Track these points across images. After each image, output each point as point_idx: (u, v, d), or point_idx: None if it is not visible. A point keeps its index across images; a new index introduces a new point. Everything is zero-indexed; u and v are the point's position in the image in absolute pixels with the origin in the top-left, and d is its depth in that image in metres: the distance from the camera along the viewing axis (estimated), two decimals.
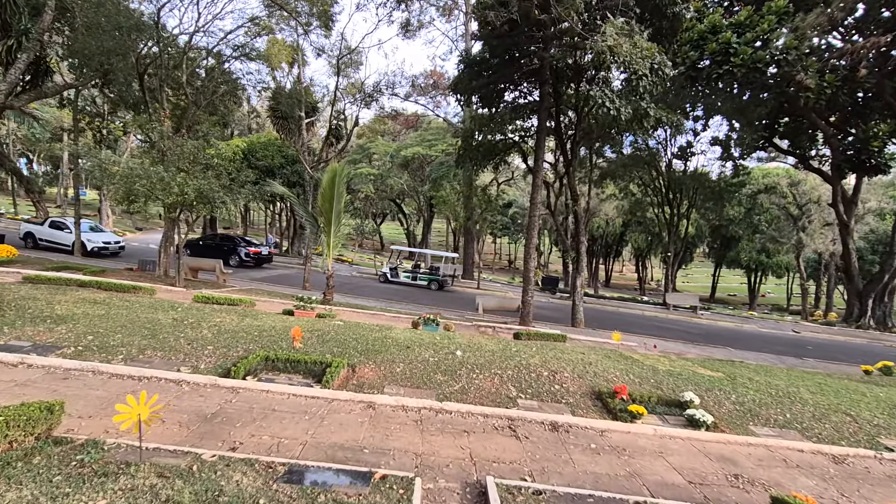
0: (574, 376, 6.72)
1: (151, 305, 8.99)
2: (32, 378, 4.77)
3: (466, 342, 8.59)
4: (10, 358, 5.06)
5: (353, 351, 6.90)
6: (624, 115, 11.20)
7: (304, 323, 8.99)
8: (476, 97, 15.37)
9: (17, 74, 12.78)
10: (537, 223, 13.56)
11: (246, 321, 8.56)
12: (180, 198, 11.55)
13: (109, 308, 8.27)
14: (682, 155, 28.27)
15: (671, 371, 8.11)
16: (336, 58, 17.77)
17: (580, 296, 15.22)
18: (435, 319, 11.11)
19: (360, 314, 12.71)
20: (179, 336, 6.75)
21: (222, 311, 9.35)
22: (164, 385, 4.96)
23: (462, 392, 5.77)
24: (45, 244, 21.10)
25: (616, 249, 62.97)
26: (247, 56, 19.59)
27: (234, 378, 5.21)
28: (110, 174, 11.44)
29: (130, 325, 7.09)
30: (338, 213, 13.15)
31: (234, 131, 34.77)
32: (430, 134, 44.13)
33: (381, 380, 5.84)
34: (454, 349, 7.75)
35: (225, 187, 13.68)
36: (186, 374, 5.16)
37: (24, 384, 4.62)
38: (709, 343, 15.76)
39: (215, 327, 7.66)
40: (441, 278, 24.19)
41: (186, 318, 8.13)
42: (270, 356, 5.78)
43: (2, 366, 4.96)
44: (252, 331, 7.62)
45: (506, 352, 7.97)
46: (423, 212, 48.54)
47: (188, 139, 12.51)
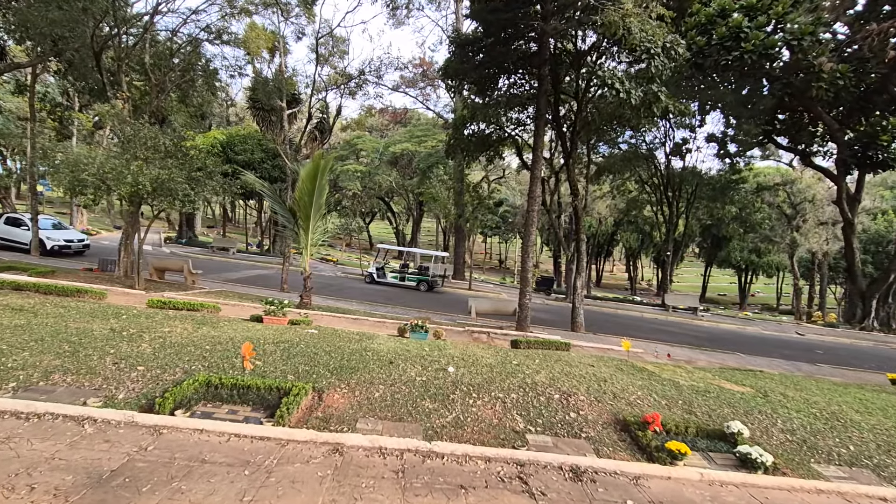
0: (590, 399, 5.57)
1: (91, 312, 7.67)
2: None
3: (460, 354, 7.41)
4: None
5: (324, 369, 5.67)
6: (634, 98, 10.11)
7: (271, 332, 7.75)
8: (468, 83, 14.19)
9: None
10: (536, 220, 12.43)
11: (201, 331, 7.29)
12: (134, 188, 10.19)
13: (35, 316, 6.94)
14: (678, 152, 27.43)
15: (695, 387, 7.02)
16: (315, 37, 16.42)
17: (580, 298, 14.12)
18: (423, 326, 9.91)
19: (340, 319, 11.45)
20: (107, 353, 5.47)
21: (176, 319, 8.05)
22: (59, 426, 3.69)
23: (456, 425, 4.58)
24: (1, 242, 19.45)
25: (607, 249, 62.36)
26: (221, 40, 18.19)
27: (158, 413, 3.97)
28: (52, 162, 10.03)
29: (50, 338, 5.78)
30: (318, 209, 11.90)
31: (212, 123, 33.17)
32: (419, 130, 42.90)
33: (354, 409, 4.63)
34: (446, 364, 6.57)
35: (192, 179, 12.34)
36: (94, 409, 3.90)
37: None
38: (715, 347, 14.78)
39: (159, 340, 6.37)
40: (431, 279, 22.99)
41: (127, 329, 6.83)
42: (213, 381, 4.54)
43: None
44: (204, 344, 6.35)
45: (506, 366, 6.81)
46: (413, 210, 47.32)
47: (145, 124, 11.11)
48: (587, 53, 13.10)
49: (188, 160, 11.93)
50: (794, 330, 22.10)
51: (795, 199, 37.72)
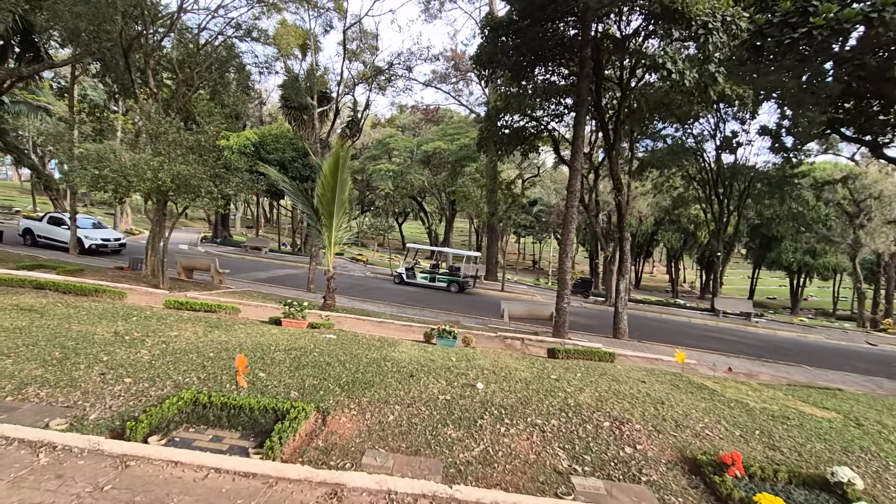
0: (648, 428, 4.62)
1: (101, 314, 7.29)
2: None
3: (491, 365, 6.57)
4: None
5: (333, 384, 4.96)
6: (688, 80, 8.98)
7: (285, 337, 7.15)
8: (502, 71, 13.29)
9: None
10: (575, 217, 11.40)
11: (211, 336, 6.75)
12: (154, 184, 9.87)
13: (41, 317, 6.58)
14: (727, 146, 25.48)
15: (770, 412, 5.91)
16: (343, 30, 15.93)
17: (624, 302, 12.97)
18: (452, 331, 9.12)
19: (363, 322, 10.82)
20: (99, 361, 4.95)
21: (188, 322, 7.58)
22: (9, 455, 3.11)
23: (485, 461, 3.75)
24: (43, 241, 20.00)
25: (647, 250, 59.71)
26: (251, 37, 18.00)
27: (130, 439, 3.33)
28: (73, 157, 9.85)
29: (45, 343, 5.34)
30: (341, 204, 11.30)
31: (246, 123, 33.54)
32: (451, 128, 42.15)
33: (362, 437, 3.88)
34: (474, 378, 5.75)
35: (216, 176, 12.02)
36: (56, 433, 3.31)
37: None
38: (777, 358, 13.29)
39: (161, 346, 5.85)
40: (462, 279, 22.19)
41: (131, 332, 6.36)
42: (201, 399, 3.89)
43: None
44: (208, 351, 5.78)
45: (543, 381, 5.93)
46: (445, 210, 46.64)
47: (168, 119, 10.82)
48: (633, 36, 11.97)
49: (211, 156, 11.60)
50: (863, 339, 19.99)
51: (859, 195, 34.62)
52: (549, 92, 13.70)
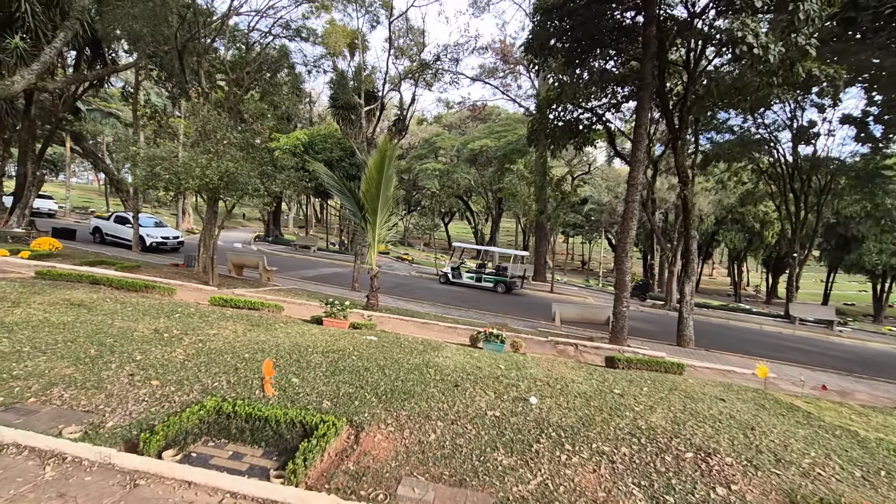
0: (741, 462, 3.81)
1: (146, 310, 7.25)
2: None
3: (544, 375, 5.91)
4: None
5: (370, 393, 4.49)
6: (772, 54, 7.85)
7: (325, 338, 6.81)
8: (554, 59, 12.49)
9: (52, 54, 11.97)
10: (636, 212, 10.42)
11: (250, 335, 6.51)
12: (202, 181, 9.92)
13: (88, 313, 6.59)
14: (803, 136, 23.12)
15: (890, 445, 4.88)
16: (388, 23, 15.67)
17: (689, 307, 11.81)
18: (500, 335, 8.50)
19: (407, 323, 10.40)
20: (131, 360, 4.75)
21: (230, 319, 7.42)
22: (17, 466, 2.83)
23: (543, 497, 3.13)
24: (110, 239, 21.15)
25: (706, 250, 56.05)
26: (301, 36, 18.18)
27: (143, 453, 2.99)
28: (132, 157, 10.09)
29: (83, 339, 5.23)
30: (385, 201, 10.96)
31: (298, 125, 34.34)
32: (498, 126, 41.36)
33: (399, 460, 3.36)
34: (526, 390, 5.13)
35: (263, 173, 12.02)
36: (67, 443, 3.02)
37: None
38: (872, 374, 11.66)
39: (197, 345, 5.63)
40: (509, 279, 21.43)
41: (171, 330, 6.22)
42: (225, 408, 3.52)
43: None
44: (244, 352, 5.50)
45: (606, 396, 5.21)
46: (492, 209, 45.90)
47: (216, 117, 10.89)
48: (702, 13, 10.85)
49: (258, 153, 11.60)
50: None
51: None
52: (605, 79, 12.75)
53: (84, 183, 72.91)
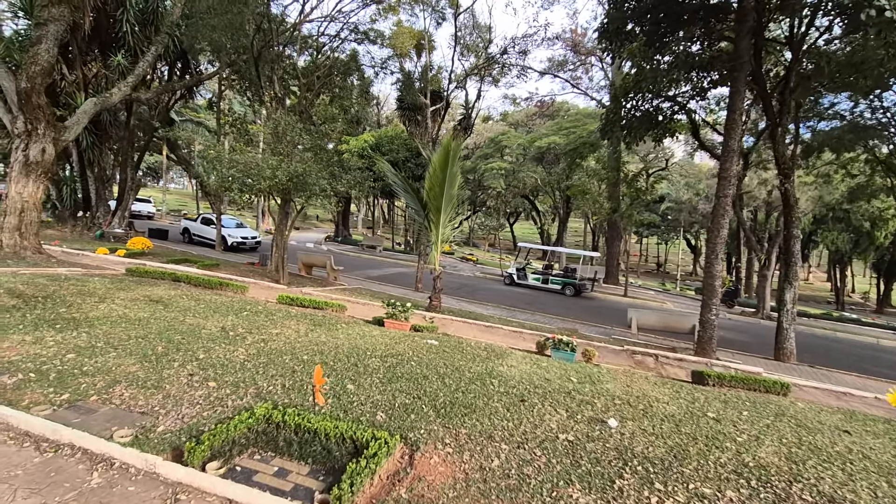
0: None
1: (217, 307, 7.45)
2: None
3: (622, 391, 5.25)
4: None
5: (428, 406, 4.13)
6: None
7: (384, 340, 6.58)
8: (630, 44, 11.52)
9: (145, 67, 12.91)
10: (728, 209, 9.24)
11: (311, 335, 6.43)
12: (272, 182, 10.18)
13: (164, 309, 6.85)
14: None
15: None
16: (453, 17, 15.38)
17: (791, 316, 10.34)
18: (570, 343, 7.83)
19: (470, 326, 10.00)
20: (194, 358, 4.76)
21: (294, 319, 7.43)
22: (67, 468, 2.77)
23: None
24: (197, 239, 22.82)
25: (803, 252, 50.31)
26: (368, 38, 18.43)
27: (187, 464, 2.82)
28: (209, 161, 10.62)
29: (154, 336, 5.36)
30: (449, 200, 10.64)
31: (366, 127, 35.23)
32: (567, 122, 39.82)
33: (457, 490, 2.95)
34: (603, 408, 4.52)
35: (332, 174, 12.18)
36: (117, 447, 2.93)
37: None
38: None
39: (259, 344, 5.60)
40: (578, 282, 20.37)
41: (237, 328, 6.28)
42: (275, 417, 3.31)
43: None
44: (303, 353, 5.38)
45: (699, 421, 4.47)
46: (559, 208, 44.33)
47: (286, 119, 11.16)
48: None
49: (326, 154, 11.77)
50: None
51: None
52: (690, 64, 11.54)
53: (180, 188, 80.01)
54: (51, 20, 10.25)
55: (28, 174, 10.53)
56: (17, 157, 10.52)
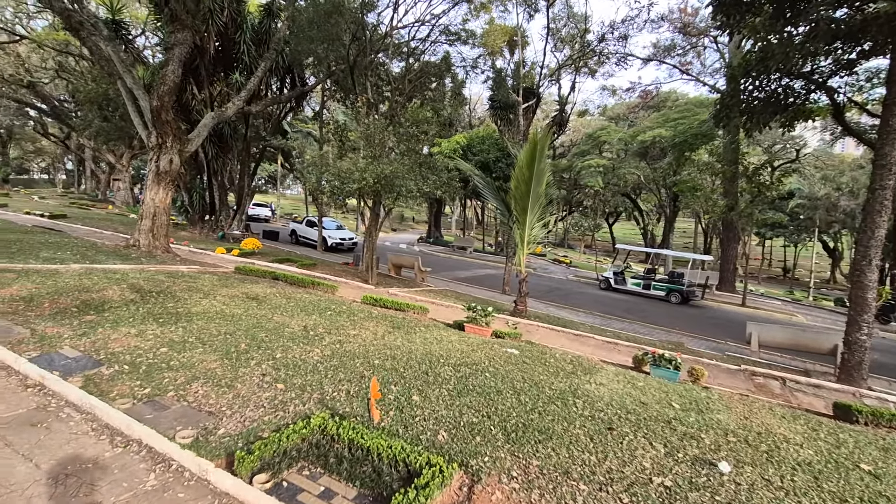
0: None
1: (305, 306, 7.70)
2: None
3: (738, 423, 4.36)
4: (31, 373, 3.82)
5: (497, 427, 3.70)
6: None
7: (461, 347, 6.26)
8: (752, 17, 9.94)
9: (256, 82, 14.05)
10: (887, 204, 7.43)
11: (388, 339, 6.33)
12: (360, 185, 10.42)
13: (257, 306, 7.22)
14: None
15: None
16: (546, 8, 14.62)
17: None
18: (674, 359, 6.86)
19: (558, 335, 9.31)
20: (271, 357, 4.84)
21: (374, 320, 7.43)
22: (132, 465, 2.82)
23: None
24: (302, 240, 24.61)
25: None
26: (460, 39, 18.38)
27: (237, 474, 2.73)
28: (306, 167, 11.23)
29: (242, 333, 5.60)
30: (536, 198, 10.05)
31: (458, 129, 35.41)
32: (675, 112, 36.38)
33: None
34: (712, 446, 3.74)
35: (419, 176, 12.21)
36: (176, 448, 2.95)
37: None
38: None
39: (335, 345, 5.59)
40: (686, 288, 18.35)
41: (318, 327, 6.38)
42: (329, 428, 3.13)
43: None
44: (375, 357, 5.25)
45: (848, 475, 3.51)
46: (665, 207, 40.74)
47: (375, 122, 11.40)
48: None
49: (413, 155, 11.82)
50: None
51: None
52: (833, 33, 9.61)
53: (294, 193, 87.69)
54: (176, 44, 11.55)
55: (159, 182, 11.98)
56: (151, 167, 12.02)
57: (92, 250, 10.94)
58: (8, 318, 5.11)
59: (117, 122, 21.35)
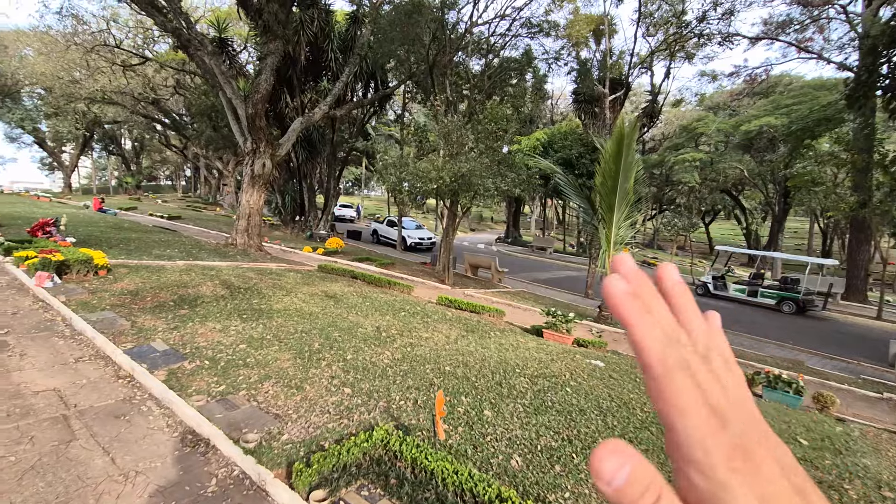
0: None
1: (380, 306, 7.69)
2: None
3: (893, 472, 3.47)
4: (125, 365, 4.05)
5: (580, 454, 3.24)
6: None
7: (539, 356, 5.81)
8: None
9: (340, 87, 14.53)
10: None
11: (461, 343, 6.06)
12: (437, 184, 10.28)
13: (333, 304, 7.31)
14: None
15: None
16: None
17: None
18: (794, 383, 5.83)
19: None
20: (341, 358, 4.77)
21: (447, 322, 7.20)
22: (196, 467, 2.79)
23: None
24: (383, 239, 25.27)
25: None
26: (542, 30, 17.70)
27: (294, 487, 2.59)
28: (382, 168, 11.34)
29: (317, 332, 5.63)
30: (624, 195, 9.21)
31: (539, 125, 34.34)
32: (787, 98, 32.24)
33: None
34: (857, 500, 2.96)
35: (497, 174, 11.84)
36: (239, 452, 2.88)
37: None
38: None
39: (405, 349, 5.42)
40: (802, 296, 16.03)
41: (391, 328, 6.28)
42: (391, 444, 2.90)
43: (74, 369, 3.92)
44: (446, 363, 4.99)
45: None
46: (773, 204, 36.32)
47: (452, 119, 11.20)
48: None
49: (491, 153, 11.46)
50: None
51: None
52: None
53: (378, 195, 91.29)
54: (269, 54, 12.25)
55: (253, 185, 12.80)
56: (246, 171, 12.89)
57: (196, 248, 11.95)
58: (116, 310, 5.58)
59: (224, 132, 23.45)
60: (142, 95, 28.73)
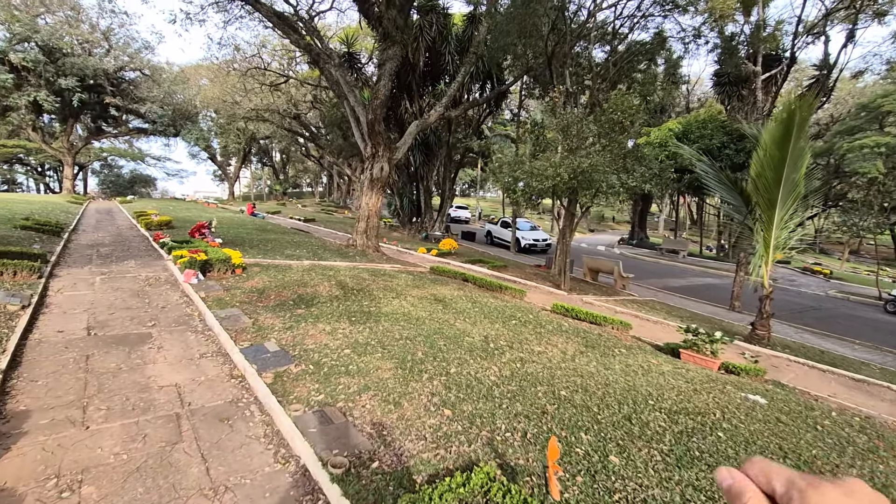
0: None
1: (489, 312, 7.23)
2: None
3: None
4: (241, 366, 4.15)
5: None
6: None
7: (681, 382, 4.86)
8: None
9: (456, 87, 14.46)
10: None
11: (579, 360, 5.34)
12: (554, 181, 9.50)
13: (442, 309, 7.04)
14: None
15: None
16: None
17: None
18: None
19: (823, 376, 6.69)
20: (444, 372, 4.40)
21: (563, 335, 6.47)
22: (280, 489, 2.59)
23: None
24: (497, 240, 24.89)
25: None
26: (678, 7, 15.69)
27: None
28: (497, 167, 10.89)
29: (421, 339, 5.37)
30: (790, 189, 7.52)
31: (671, 114, 30.87)
32: None
33: None
34: None
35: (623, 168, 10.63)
36: (325, 480, 2.63)
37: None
38: None
39: (515, 364, 4.88)
40: None
41: (499, 339, 5.78)
42: (493, 494, 2.40)
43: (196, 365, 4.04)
44: (563, 387, 4.34)
45: None
46: None
47: (572, 111, 10.28)
48: None
49: (615, 146, 10.30)
50: None
51: None
52: None
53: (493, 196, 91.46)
54: (387, 60, 12.59)
55: (372, 188, 13.30)
56: (365, 175, 13.43)
57: (322, 248, 12.75)
58: (242, 307, 5.94)
59: (352, 140, 25.17)
60: (286, 111, 32.22)
